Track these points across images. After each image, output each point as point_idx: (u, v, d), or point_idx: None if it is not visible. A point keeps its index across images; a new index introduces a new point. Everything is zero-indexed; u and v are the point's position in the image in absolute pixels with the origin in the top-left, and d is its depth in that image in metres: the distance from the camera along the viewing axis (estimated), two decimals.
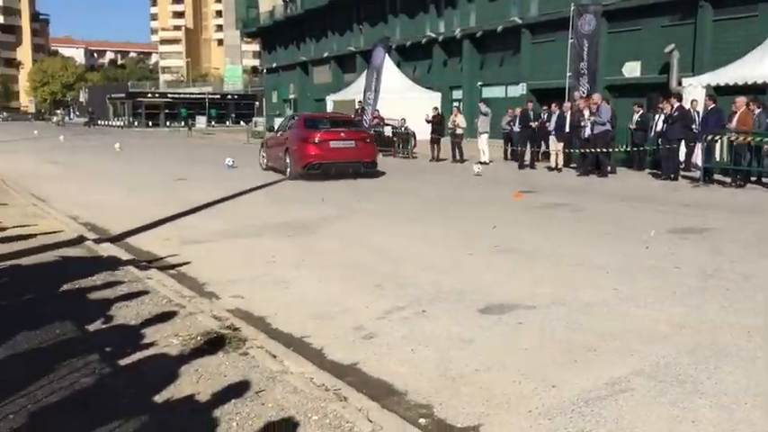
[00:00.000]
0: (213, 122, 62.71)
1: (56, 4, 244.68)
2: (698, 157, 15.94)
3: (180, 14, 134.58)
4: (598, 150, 17.09)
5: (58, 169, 19.75)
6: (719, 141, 14.74)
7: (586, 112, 17.71)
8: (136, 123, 66.72)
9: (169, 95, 72.63)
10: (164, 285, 6.10)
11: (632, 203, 12.12)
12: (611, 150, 17.44)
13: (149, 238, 8.85)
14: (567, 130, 18.63)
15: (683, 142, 16.69)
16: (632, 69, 28.34)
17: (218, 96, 73.51)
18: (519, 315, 5.41)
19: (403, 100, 30.69)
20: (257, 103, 66.81)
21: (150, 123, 66.36)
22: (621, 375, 4.15)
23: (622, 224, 9.80)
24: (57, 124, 67.32)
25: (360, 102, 27.43)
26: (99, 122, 69.12)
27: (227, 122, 67.63)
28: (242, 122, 58.11)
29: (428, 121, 23.19)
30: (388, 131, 25.30)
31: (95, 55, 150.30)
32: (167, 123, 65.48)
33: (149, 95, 71.90)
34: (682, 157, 16.99)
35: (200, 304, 5.56)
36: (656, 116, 17.42)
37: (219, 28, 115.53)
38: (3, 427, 3.32)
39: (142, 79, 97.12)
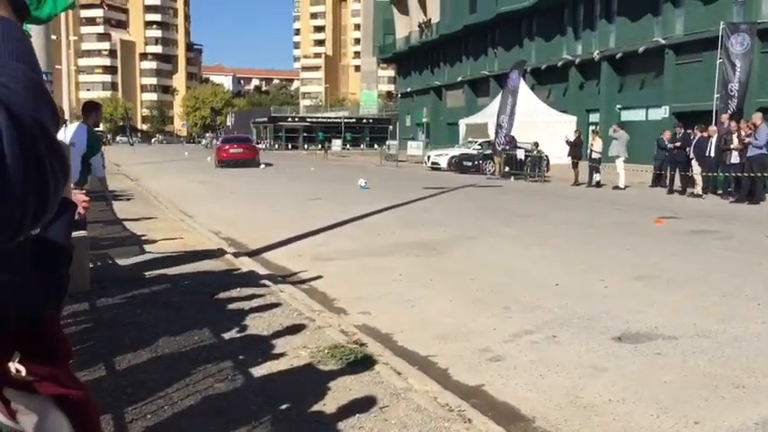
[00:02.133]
0: (348, 145, 64.47)
1: (209, 34, 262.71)
2: None
3: (321, 42, 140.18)
4: (752, 175, 15.94)
5: (205, 188, 20.97)
6: None
7: (735, 137, 16.63)
8: (276, 146, 69.86)
9: (308, 119, 75.67)
10: (295, 299, 6.26)
11: None
12: (765, 175, 16.22)
13: (283, 254, 9.17)
14: (713, 154, 17.55)
15: None
16: None
17: (354, 120, 75.64)
18: (658, 345, 5.09)
19: (537, 123, 30.18)
20: (391, 126, 68.08)
21: (290, 146, 69.31)
22: None
23: None
24: (205, 146, 71.69)
25: (494, 124, 27.30)
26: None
27: (362, 146, 69.31)
28: (376, 146, 59.41)
29: (568, 143, 22.66)
30: (520, 154, 24.93)
31: (242, 82, 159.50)
32: (305, 146, 68.09)
33: (289, 120, 75.27)
34: None
35: (328, 318, 5.66)
36: None
37: (357, 55, 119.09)
38: (140, 426, 3.51)
39: (284, 104, 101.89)
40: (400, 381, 4.18)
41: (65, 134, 7.09)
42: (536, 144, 24.80)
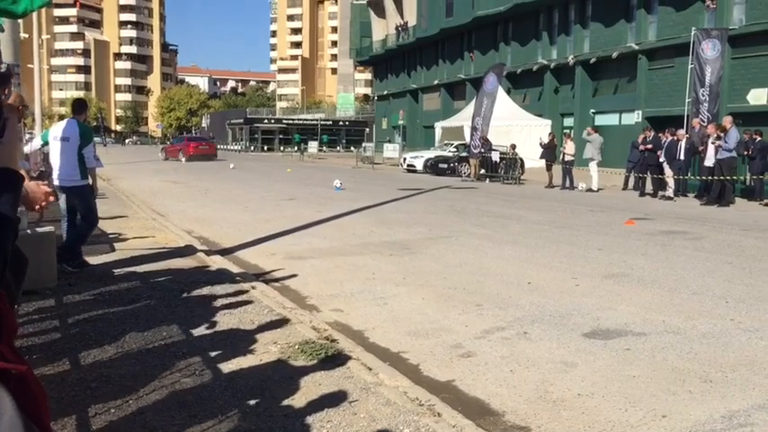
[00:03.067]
0: (325, 148, 64.26)
1: (185, 35, 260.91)
2: None
3: (297, 45, 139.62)
4: (722, 178, 16.19)
5: (178, 188, 20.76)
6: None
7: (711, 141, 16.91)
8: (252, 148, 69.43)
9: (284, 121, 75.32)
10: (267, 296, 6.21)
11: (756, 234, 11.34)
12: (734, 178, 16.49)
13: (256, 253, 9.09)
14: (683, 157, 17.83)
15: None
16: (758, 97, 26.78)
17: (330, 122, 75.51)
18: (627, 341, 5.12)
19: (512, 127, 30.39)
20: (367, 129, 68.03)
21: (265, 148, 68.92)
22: (740, 409, 3.82)
23: (744, 254, 9.17)
24: None
25: (469, 128, 27.42)
26: (218, 146, 72.41)
27: (338, 148, 69.20)
28: (352, 148, 59.37)
29: (542, 146, 22.84)
30: (495, 157, 25.06)
31: (218, 83, 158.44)
32: (281, 148, 67.76)
33: (265, 121, 74.81)
34: None
35: (300, 315, 5.61)
36: None
37: (334, 57, 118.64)
38: (103, 420, 3.44)
39: (260, 106, 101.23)
40: (371, 376, 4.16)
41: (58, 131, 7.22)
42: (513, 146, 24.93)
